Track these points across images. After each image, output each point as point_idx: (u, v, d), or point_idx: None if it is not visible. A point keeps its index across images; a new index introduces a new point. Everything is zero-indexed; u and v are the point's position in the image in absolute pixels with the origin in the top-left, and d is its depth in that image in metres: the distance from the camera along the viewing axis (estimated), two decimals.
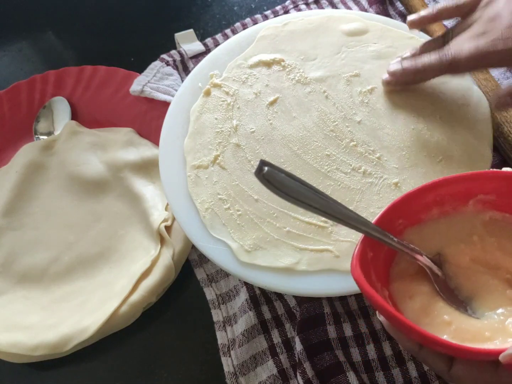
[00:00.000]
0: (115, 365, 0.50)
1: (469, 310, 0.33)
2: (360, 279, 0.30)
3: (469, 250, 0.35)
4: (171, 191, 0.49)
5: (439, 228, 0.36)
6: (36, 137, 0.62)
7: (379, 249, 0.34)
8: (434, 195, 0.35)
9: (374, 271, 0.33)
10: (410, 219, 0.36)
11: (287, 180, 0.32)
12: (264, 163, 0.31)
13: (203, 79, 0.55)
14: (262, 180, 0.31)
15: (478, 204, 0.36)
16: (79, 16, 0.74)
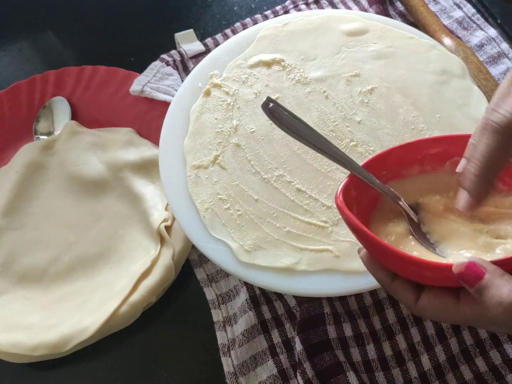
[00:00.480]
0: (115, 365, 0.50)
1: (438, 250, 0.35)
2: (342, 206, 0.33)
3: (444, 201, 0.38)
4: (171, 191, 0.49)
5: (418, 183, 0.39)
6: (36, 137, 0.62)
7: (363, 191, 0.37)
8: (415, 153, 0.38)
9: (356, 208, 0.35)
10: (393, 172, 0.39)
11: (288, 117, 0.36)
12: (270, 100, 0.36)
13: (203, 79, 0.55)
14: (267, 113, 0.36)
15: (453, 165, 0.38)
16: (79, 16, 0.74)
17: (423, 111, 0.50)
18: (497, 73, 0.58)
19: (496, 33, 0.61)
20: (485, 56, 0.60)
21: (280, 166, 0.49)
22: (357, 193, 0.36)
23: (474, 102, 0.50)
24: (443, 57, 0.53)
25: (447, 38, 0.59)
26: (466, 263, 0.28)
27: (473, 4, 0.65)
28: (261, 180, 0.48)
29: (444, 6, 0.65)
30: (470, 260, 0.29)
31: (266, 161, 0.49)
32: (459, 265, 0.29)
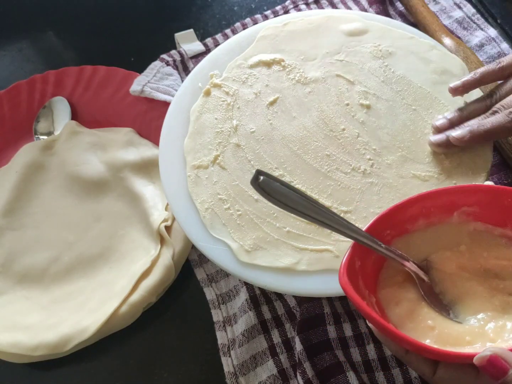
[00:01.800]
0: (115, 365, 0.50)
1: (452, 314, 0.34)
2: (346, 286, 0.31)
3: (456, 258, 0.36)
4: (171, 191, 0.49)
5: (426, 238, 0.37)
6: (36, 137, 0.62)
7: (367, 258, 0.35)
8: (420, 207, 0.37)
9: (362, 279, 0.34)
10: (397, 229, 0.37)
11: (281, 189, 0.33)
12: (260, 172, 0.33)
13: (203, 79, 0.55)
14: (257, 189, 0.33)
15: (462, 216, 0.37)
16: (79, 16, 0.74)
17: (423, 112, 0.50)
18: None
19: (496, 33, 0.61)
20: (485, 56, 0.60)
21: (280, 166, 0.48)
22: (361, 262, 0.34)
23: None
24: (443, 57, 0.53)
25: (447, 38, 0.59)
26: (489, 356, 0.27)
27: (473, 4, 0.65)
28: None
29: (444, 6, 0.65)
30: (493, 353, 0.27)
31: (266, 161, 0.49)
32: (481, 358, 0.28)
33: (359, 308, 0.30)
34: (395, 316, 0.34)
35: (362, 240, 0.34)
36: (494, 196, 0.36)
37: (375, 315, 0.30)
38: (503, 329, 0.32)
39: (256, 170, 0.33)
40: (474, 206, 0.36)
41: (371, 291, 0.35)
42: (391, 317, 0.34)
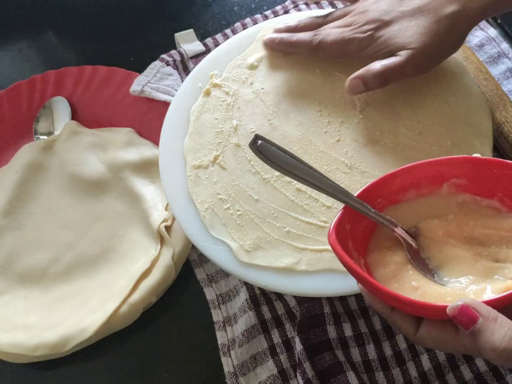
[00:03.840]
0: (115, 365, 0.50)
1: (436, 277, 0.35)
2: (334, 244, 0.33)
3: (443, 226, 0.38)
4: (171, 191, 0.49)
5: (415, 207, 0.39)
6: (36, 137, 0.62)
7: (358, 223, 0.37)
8: (411, 178, 0.38)
9: (352, 241, 0.36)
10: (388, 199, 0.38)
11: (277, 153, 0.36)
12: (258, 137, 0.36)
13: (203, 79, 0.55)
14: (255, 151, 0.35)
15: (451, 187, 0.38)
16: (79, 16, 0.74)
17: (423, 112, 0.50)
18: (497, 73, 0.58)
19: (496, 33, 0.61)
20: (485, 56, 0.60)
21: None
22: (352, 225, 0.36)
23: (474, 102, 0.50)
24: None
25: None
26: (460, 306, 0.29)
27: None
28: (261, 180, 0.48)
29: None
30: (464, 303, 0.29)
31: None
32: (453, 308, 0.29)
33: (346, 265, 0.32)
34: (382, 277, 0.35)
35: (354, 204, 0.35)
36: (481, 168, 0.36)
37: (361, 272, 0.32)
38: (483, 292, 0.33)
39: (255, 135, 0.36)
40: (463, 178, 0.37)
41: (361, 254, 0.36)
42: (377, 278, 0.35)
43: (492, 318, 0.28)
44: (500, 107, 0.53)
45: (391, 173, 0.37)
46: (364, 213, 0.35)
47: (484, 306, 0.29)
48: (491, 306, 0.29)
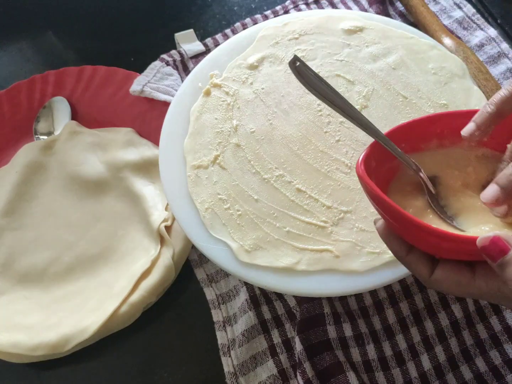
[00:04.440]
0: (115, 365, 0.50)
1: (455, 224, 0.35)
2: (363, 174, 0.33)
3: (462, 177, 0.38)
4: (171, 191, 0.49)
5: (437, 157, 0.39)
6: (36, 137, 0.62)
7: (382, 162, 0.37)
8: (435, 127, 0.38)
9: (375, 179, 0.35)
10: (412, 145, 0.38)
11: (314, 78, 0.38)
12: (297, 58, 0.38)
13: (203, 79, 0.55)
14: (294, 72, 0.38)
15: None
16: (79, 16, 0.74)
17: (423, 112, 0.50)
18: (497, 73, 0.58)
19: (496, 33, 0.61)
20: (485, 56, 0.60)
21: (280, 166, 0.49)
22: (377, 164, 0.36)
23: (474, 102, 0.50)
24: (443, 57, 0.53)
25: (447, 38, 0.59)
26: (492, 237, 0.28)
27: (473, 4, 0.65)
28: (261, 180, 0.48)
29: (444, 6, 0.65)
30: (496, 234, 0.28)
31: (266, 161, 0.49)
32: (484, 239, 0.28)
33: (371, 191, 0.32)
34: None
35: (382, 140, 0.35)
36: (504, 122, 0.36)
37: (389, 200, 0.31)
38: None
39: (294, 55, 0.38)
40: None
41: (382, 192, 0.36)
42: None
43: None
44: None
45: (417, 119, 0.38)
46: (392, 150, 0.36)
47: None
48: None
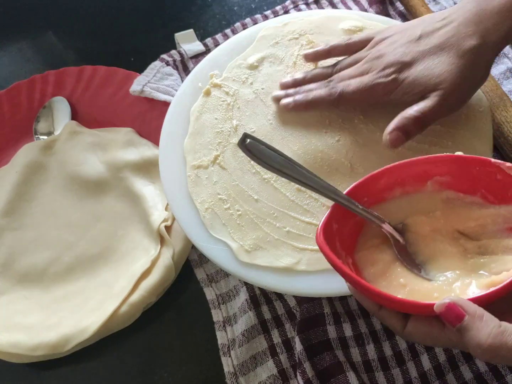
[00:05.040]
0: (115, 365, 0.50)
1: (423, 272, 0.36)
2: (322, 244, 0.33)
3: (430, 222, 0.38)
4: (171, 191, 0.49)
5: (402, 205, 0.39)
6: (36, 137, 0.62)
7: (345, 222, 0.37)
8: (396, 176, 0.38)
9: (339, 241, 0.36)
10: (374, 197, 0.39)
11: (266, 151, 0.37)
12: (247, 135, 0.36)
13: (203, 79, 0.55)
14: (244, 150, 0.36)
15: (435, 185, 0.38)
16: (79, 16, 0.74)
17: None
18: (497, 73, 0.58)
19: None
20: None
21: None
22: (339, 225, 0.36)
23: (474, 102, 0.50)
24: None
25: None
26: (446, 304, 0.29)
27: None
28: (261, 180, 0.48)
29: (444, 6, 0.65)
30: (451, 301, 0.29)
31: None
32: (440, 306, 0.29)
33: (334, 265, 0.32)
34: (370, 275, 0.36)
35: (342, 201, 0.36)
36: (464, 166, 0.37)
37: (349, 272, 0.32)
38: (468, 287, 0.33)
39: (244, 133, 0.36)
40: (446, 176, 0.38)
41: (348, 253, 0.37)
42: (366, 277, 0.36)
43: (478, 316, 0.29)
44: (500, 107, 0.53)
45: (376, 172, 0.38)
46: (352, 209, 0.36)
47: (470, 304, 0.29)
48: (477, 303, 0.29)
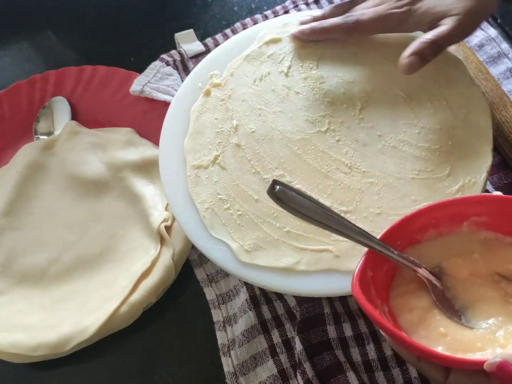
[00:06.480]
0: (115, 365, 0.50)
1: (464, 319, 0.34)
2: (359, 296, 0.32)
3: (468, 264, 0.37)
4: (171, 191, 0.49)
5: (437, 247, 0.37)
6: (36, 137, 0.62)
7: (379, 268, 0.36)
8: (430, 218, 0.37)
9: (374, 288, 0.34)
10: (408, 240, 0.37)
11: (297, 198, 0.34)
12: (276, 182, 0.34)
13: (203, 79, 0.55)
14: (273, 198, 0.34)
15: (472, 225, 0.37)
16: (79, 16, 0.74)
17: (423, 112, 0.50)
18: (497, 73, 0.58)
19: (496, 33, 0.61)
20: (485, 56, 0.60)
21: (280, 166, 0.49)
22: (373, 272, 0.35)
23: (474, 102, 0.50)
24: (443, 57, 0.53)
25: None
26: (498, 363, 0.28)
27: None
28: (261, 180, 0.48)
29: None
30: (502, 359, 0.28)
31: (266, 161, 0.49)
32: (491, 365, 0.28)
33: (372, 318, 0.31)
34: (407, 323, 0.34)
35: (377, 247, 0.34)
36: (503, 206, 0.36)
37: (387, 324, 0.30)
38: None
39: (273, 180, 0.34)
40: (484, 216, 0.36)
41: (383, 300, 0.35)
42: (403, 325, 0.34)
43: None
44: (500, 107, 0.53)
45: (410, 215, 0.36)
46: (387, 255, 0.34)
47: None
48: None
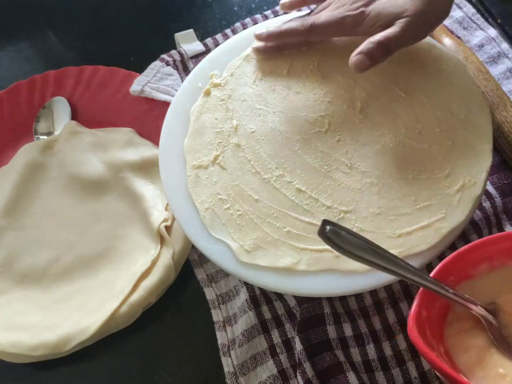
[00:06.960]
0: (115, 365, 0.50)
1: None
2: (417, 340, 0.31)
3: None
4: (171, 191, 0.49)
5: (490, 281, 0.37)
6: (36, 137, 0.62)
7: (432, 306, 0.35)
8: (482, 252, 0.36)
9: (429, 328, 0.34)
10: (460, 275, 0.36)
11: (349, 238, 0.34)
12: (326, 222, 0.34)
13: (203, 79, 0.55)
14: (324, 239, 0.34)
15: None
16: (79, 16, 0.74)
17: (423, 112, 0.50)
18: (497, 73, 0.58)
19: (496, 33, 0.61)
20: (485, 56, 0.60)
21: (280, 166, 0.49)
22: (428, 312, 0.34)
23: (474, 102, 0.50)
24: (443, 57, 0.53)
25: (447, 38, 0.59)
26: None
27: (473, 4, 0.64)
28: (261, 180, 0.48)
29: None
30: None
31: (266, 161, 0.49)
32: None
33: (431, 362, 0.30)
34: (464, 364, 0.34)
35: (432, 287, 0.34)
36: None
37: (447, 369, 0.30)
38: None
39: (323, 220, 0.34)
40: None
41: (438, 340, 0.34)
42: (460, 365, 0.34)
43: None
44: (500, 107, 0.53)
45: (463, 249, 0.36)
46: (442, 294, 0.34)
47: None
48: None
